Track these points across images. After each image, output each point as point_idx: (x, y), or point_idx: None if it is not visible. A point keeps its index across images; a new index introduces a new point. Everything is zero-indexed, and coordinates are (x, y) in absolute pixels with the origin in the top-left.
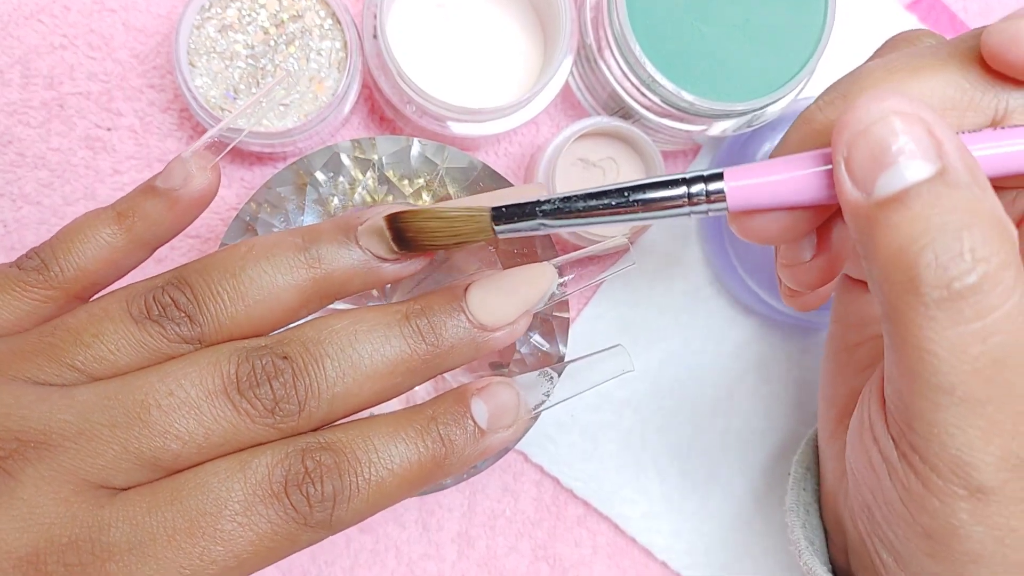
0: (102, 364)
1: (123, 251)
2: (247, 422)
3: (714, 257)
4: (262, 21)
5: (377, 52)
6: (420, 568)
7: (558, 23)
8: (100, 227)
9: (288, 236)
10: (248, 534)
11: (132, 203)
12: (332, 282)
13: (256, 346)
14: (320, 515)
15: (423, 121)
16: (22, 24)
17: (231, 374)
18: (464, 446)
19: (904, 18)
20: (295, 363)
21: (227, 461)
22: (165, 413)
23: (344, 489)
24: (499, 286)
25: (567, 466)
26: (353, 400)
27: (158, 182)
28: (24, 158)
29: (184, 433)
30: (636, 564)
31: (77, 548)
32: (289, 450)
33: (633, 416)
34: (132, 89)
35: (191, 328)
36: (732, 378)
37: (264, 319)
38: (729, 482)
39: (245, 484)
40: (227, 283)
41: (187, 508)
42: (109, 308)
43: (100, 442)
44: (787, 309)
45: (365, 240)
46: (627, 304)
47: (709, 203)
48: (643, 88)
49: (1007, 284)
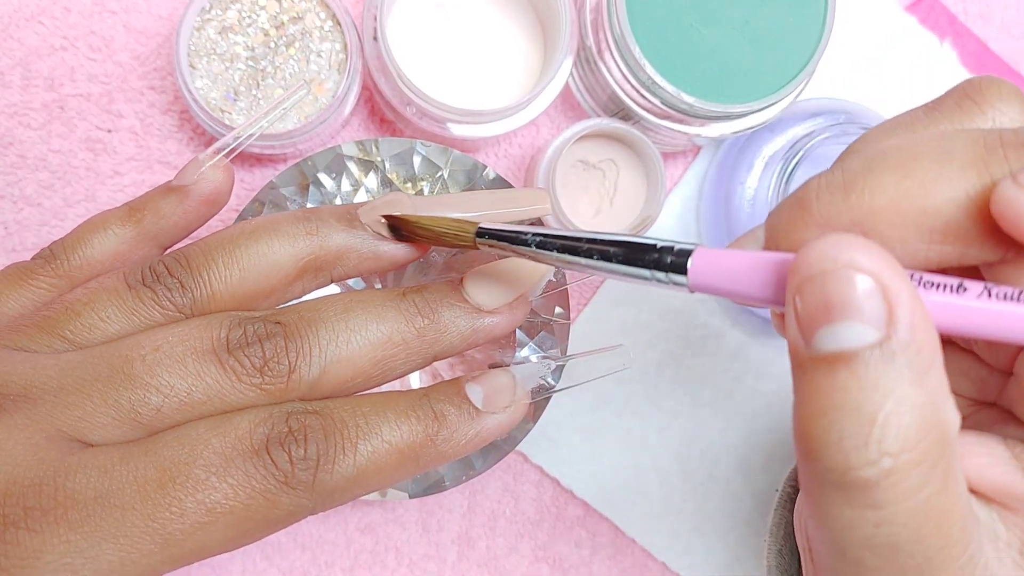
0: (93, 332)
1: (131, 243)
2: (233, 381)
3: None
4: (262, 23)
5: (377, 54)
6: (420, 569)
7: (558, 25)
8: (111, 221)
9: (290, 211)
10: (223, 486)
11: (145, 199)
12: (330, 252)
13: (250, 316)
14: (302, 475)
15: (423, 123)
16: (23, 26)
17: (221, 337)
18: (457, 424)
19: (903, 20)
20: (288, 328)
21: (209, 419)
22: (148, 367)
23: (328, 451)
24: (494, 271)
25: (567, 467)
26: (345, 368)
27: (173, 181)
28: (25, 160)
29: (165, 386)
30: (636, 564)
31: (39, 491)
32: (274, 411)
33: (633, 417)
34: (133, 91)
35: (183, 295)
36: (732, 379)
37: (259, 286)
38: (728, 483)
39: (224, 438)
40: (223, 250)
41: (160, 459)
42: (105, 281)
43: (79, 394)
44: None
45: (365, 218)
46: (627, 305)
47: (670, 274)
48: (643, 90)
49: (913, 483)
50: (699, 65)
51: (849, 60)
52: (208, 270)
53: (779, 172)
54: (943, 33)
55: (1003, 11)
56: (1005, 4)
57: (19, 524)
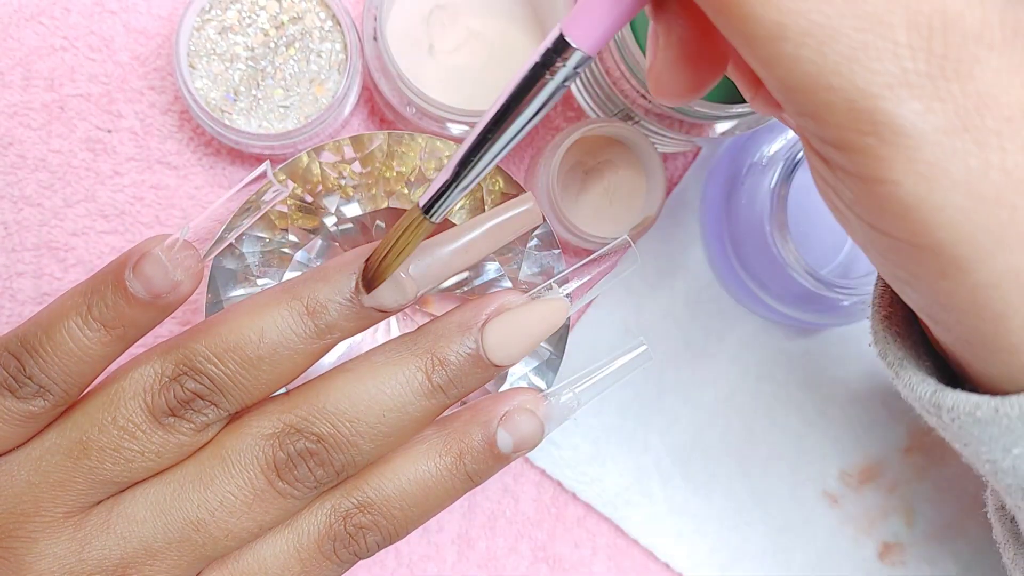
0: (144, 473)
1: (116, 356)
2: (292, 502)
3: (715, 260)
4: (262, 23)
5: (377, 54)
6: (420, 569)
7: None
8: (92, 339)
9: (294, 307)
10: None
11: (116, 312)
12: (342, 338)
13: (286, 429)
14: (361, 555)
15: (423, 123)
16: (23, 26)
17: (269, 463)
18: (488, 475)
19: None
20: (327, 443)
21: (277, 536)
22: (220, 520)
23: (383, 543)
24: (516, 328)
25: (571, 469)
26: (385, 451)
27: (139, 289)
28: (25, 160)
29: (240, 530)
30: (636, 565)
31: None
32: (332, 519)
33: (635, 419)
34: (132, 91)
35: (217, 412)
36: (733, 379)
37: (281, 382)
38: (730, 483)
39: (299, 551)
40: (244, 372)
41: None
42: (134, 416)
43: (170, 558)
44: (787, 310)
45: (371, 302)
46: (628, 307)
47: (565, 60)
48: (643, 90)
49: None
50: None
51: None
52: (235, 388)
53: (779, 172)
54: None
55: None
56: None
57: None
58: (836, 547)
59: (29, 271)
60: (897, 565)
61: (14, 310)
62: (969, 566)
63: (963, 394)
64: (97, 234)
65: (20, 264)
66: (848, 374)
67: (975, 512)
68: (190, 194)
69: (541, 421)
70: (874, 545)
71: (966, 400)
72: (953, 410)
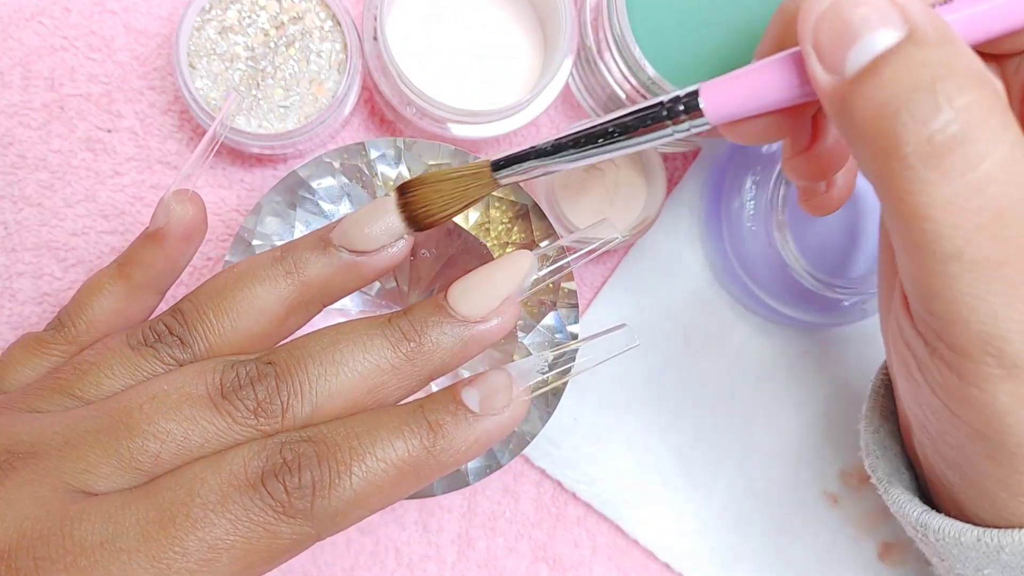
0: (100, 389)
1: (126, 299)
2: (229, 423)
3: (715, 259)
4: (262, 23)
5: (377, 54)
6: (420, 569)
7: (558, 25)
8: (104, 281)
9: (267, 252)
10: (222, 522)
11: (129, 253)
12: (312, 286)
13: (242, 359)
14: (300, 503)
15: (423, 123)
16: (23, 26)
17: (215, 382)
18: (455, 431)
19: None
20: (278, 367)
21: (205, 459)
22: (146, 415)
23: (324, 476)
24: (476, 277)
25: (571, 469)
26: (338, 401)
27: (149, 227)
28: (25, 160)
29: (163, 432)
30: (636, 565)
31: (47, 542)
32: (268, 443)
33: (635, 419)
34: (132, 91)
35: (183, 350)
36: (733, 379)
37: (252, 332)
38: (730, 483)
39: (220, 475)
40: (212, 303)
41: (159, 500)
42: (110, 343)
43: (83, 447)
44: (787, 311)
45: (338, 239)
46: (628, 307)
47: (691, 120)
48: (643, 90)
49: (994, 130)
50: (699, 65)
51: None
52: (202, 324)
53: (779, 172)
54: None
55: None
56: None
57: (31, 575)
58: (836, 547)
59: (29, 271)
60: (897, 565)
61: (14, 310)
62: None
63: (949, 521)
64: (97, 234)
65: (20, 264)
66: (848, 374)
67: None
68: None
69: (508, 373)
70: (874, 545)
71: (951, 526)
72: (939, 532)
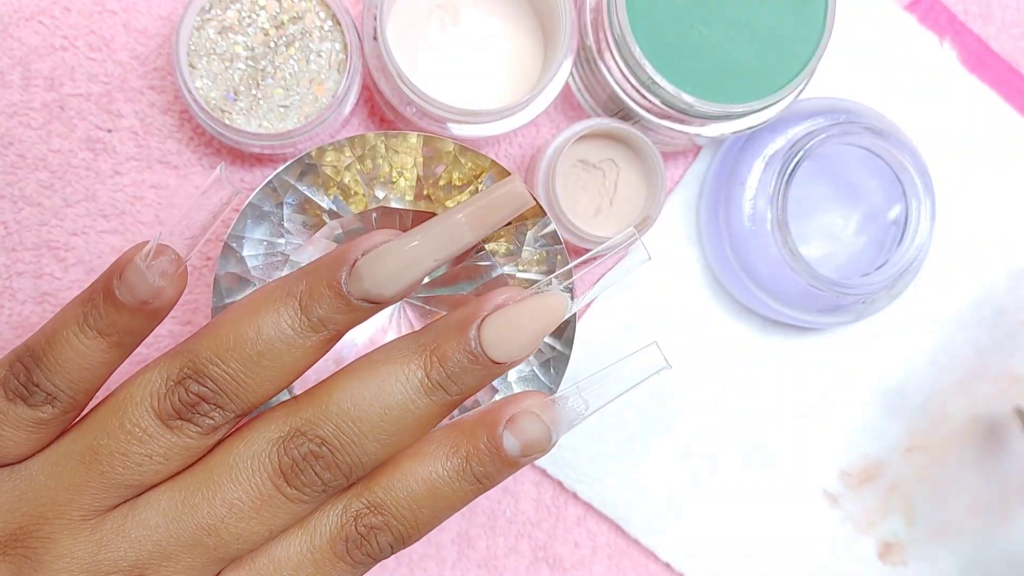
0: (155, 476)
1: (117, 362)
2: (302, 506)
3: (715, 259)
4: (262, 23)
5: (377, 54)
6: (420, 569)
7: (558, 24)
8: (90, 347)
9: (288, 307)
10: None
11: (108, 320)
12: (337, 333)
13: (291, 432)
14: (377, 559)
15: (423, 123)
16: (22, 25)
17: (275, 469)
18: (499, 476)
19: (903, 19)
20: (331, 445)
21: (288, 539)
22: (231, 525)
23: (396, 545)
24: (514, 324)
25: (571, 469)
26: (391, 451)
27: (126, 297)
28: (25, 160)
29: (247, 533)
30: (636, 565)
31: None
32: (344, 518)
33: (635, 419)
34: (132, 91)
35: (223, 415)
36: (733, 379)
37: (285, 379)
38: (730, 483)
39: (312, 552)
40: (246, 370)
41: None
42: (141, 421)
43: (183, 561)
44: (787, 310)
45: (358, 292)
46: (628, 306)
47: None
48: (643, 89)
49: None
50: (699, 65)
51: (849, 60)
52: (239, 389)
53: (779, 172)
54: (943, 32)
55: (1003, 11)
56: (1005, 4)
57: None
58: (836, 547)
59: (29, 271)
60: (897, 565)
61: (14, 310)
62: (969, 566)
63: None
64: (97, 234)
65: (20, 264)
66: (848, 374)
67: (975, 512)
68: (190, 194)
69: (547, 425)
70: (874, 545)
71: None
72: None
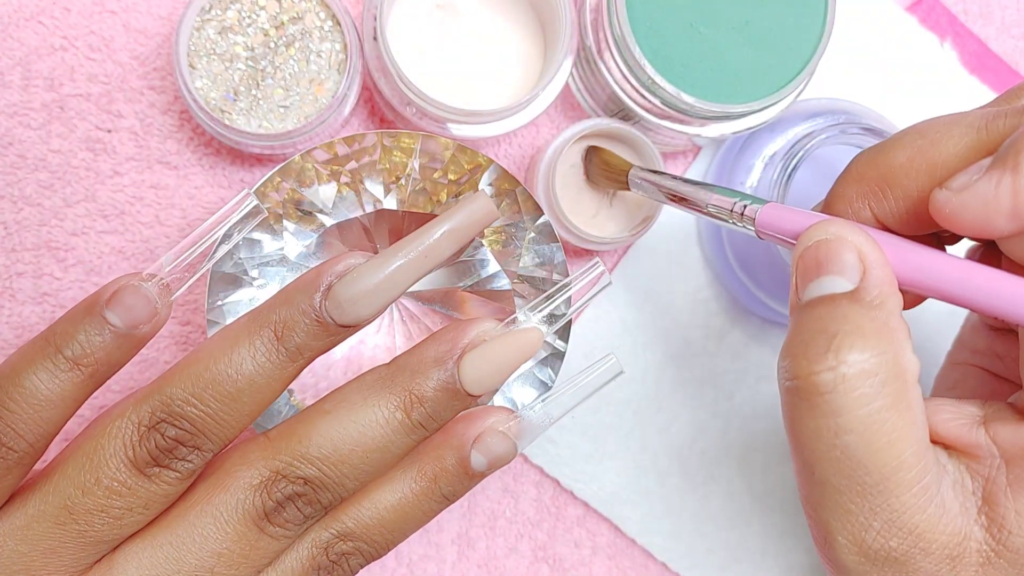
0: (134, 528)
1: (85, 398)
2: (284, 542)
3: (714, 259)
4: (262, 23)
5: (377, 54)
6: (420, 569)
7: (558, 25)
8: (63, 381)
9: (264, 340)
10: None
11: (90, 348)
12: (313, 358)
13: (272, 476)
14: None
15: (423, 123)
16: (22, 26)
17: (260, 513)
18: (465, 490)
19: (903, 19)
20: (313, 483)
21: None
22: (220, 574)
23: (366, 562)
24: (492, 360)
25: (568, 467)
26: (368, 483)
27: (116, 320)
28: (24, 160)
29: None
30: (636, 565)
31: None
32: (314, 551)
33: (633, 418)
34: (132, 91)
35: (202, 456)
36: (732, 379)
37: (262, 409)
38: (729, 483)
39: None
40: (225, 408)
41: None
42: (118, 474)
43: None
44: (787, 311)
45: (340, 318)
46: (627, 306)
47: (744, 226)
48: (643, 90)
49: (865, 392)
50: (699, 65)
51: (849, 60)
52: (217, 427)
53: (779, 172)
54: (943, 33)
55: (1003, 11)
56: (1005, 4)
57: None
58: None
59: (29, 271)
60: None
61: (14, 310)
62: None
63: None
64: (97, 234)
65: (20, 264)
66: None
67: None
68: (190, 194)
69: (513, 440)
70: None
71: None
72: None
